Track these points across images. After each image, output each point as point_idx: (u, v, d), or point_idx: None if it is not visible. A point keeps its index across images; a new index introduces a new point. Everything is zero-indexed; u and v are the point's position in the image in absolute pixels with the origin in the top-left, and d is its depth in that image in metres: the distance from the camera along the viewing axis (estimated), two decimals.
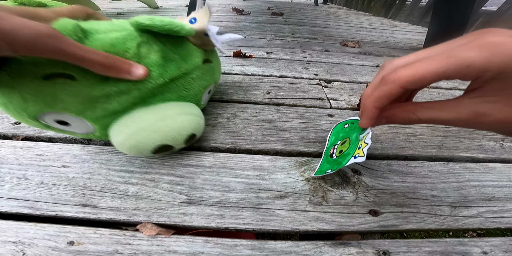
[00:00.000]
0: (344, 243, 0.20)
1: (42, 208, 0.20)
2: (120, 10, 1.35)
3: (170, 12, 1.31)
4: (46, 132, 0.29)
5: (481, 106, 0.14)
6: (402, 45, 0.83)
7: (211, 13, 0.24)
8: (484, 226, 0.22)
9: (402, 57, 0.17)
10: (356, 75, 0.53)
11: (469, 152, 0.31)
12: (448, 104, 0.15)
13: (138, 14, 0.99)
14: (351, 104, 0.40)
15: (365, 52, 0.70)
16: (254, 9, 1.44)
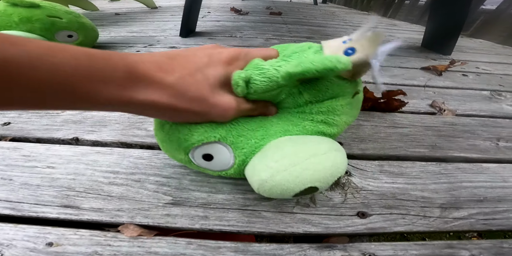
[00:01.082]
0: (330, 246, 0.20)
1: (23, 209, 0.20)
2: (119, 10, 1.36)
3: (168, 12, 1.31)
4: (35, 133, 0.29)
5: None
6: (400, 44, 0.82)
7: (382, 41, 0.16)
8: (475, 228, 0.22)
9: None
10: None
11: (463, 152, 0.31)
12: None
13: (136, 14, 0.98)
14: None
15: None
16: (253, 9, 1.43)
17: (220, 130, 0.18)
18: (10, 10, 0.47)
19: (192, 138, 0.18)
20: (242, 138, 0.18)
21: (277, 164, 0.17)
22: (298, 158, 0.17)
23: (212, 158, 0.19)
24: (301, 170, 0.16)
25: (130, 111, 0.15)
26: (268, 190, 0.17)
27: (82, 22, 0.55)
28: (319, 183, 0.17)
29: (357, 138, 0.31)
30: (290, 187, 0.17)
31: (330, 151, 0.18)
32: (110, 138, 0.29)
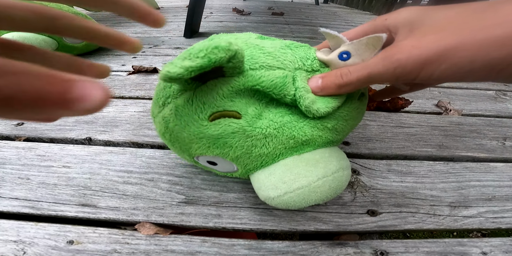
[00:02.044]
0: (342, 243, 0.20)
1: (43, 208, 0.21)
2: None
3: (170, 12, 1.31)
4: (48, 133, 0.30)
5: (391, 46, 0.14)
6: None
7: (380, 45, 0.15)
8: (484, 226, 0.22)
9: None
10: None
11: (469, 151, 0.31)
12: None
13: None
14: None
15: None
16: (255, 9, 1.44)
17: (216, 150, 0.17)
18: None
19: (192, 150, 0.18)
20: (242, 158, 0.18)
21: (285, 185, 0.17)
22: (307, 181, 0.17)
23: (216, 164, 0.19)
24: (309, 192, 0.17)
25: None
26: (274, 204, 0.18)
27: None
28: (322, 201, 0.18)
29: (364, 138, 0.32)
30: (295, 205, 0.18)
31: (337, 171, 0.18)
32: (122, 138, 0.29)
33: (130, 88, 0.42)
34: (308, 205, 0.18)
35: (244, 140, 0.16)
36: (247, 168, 0.19)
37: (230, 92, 0.15)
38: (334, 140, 0.19)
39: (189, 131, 0.16)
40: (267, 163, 0.18)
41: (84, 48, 0.57)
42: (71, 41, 0.53)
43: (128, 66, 0.52)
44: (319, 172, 0.17)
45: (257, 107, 0.17)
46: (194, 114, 0.16)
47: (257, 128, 0.16)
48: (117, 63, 0.54)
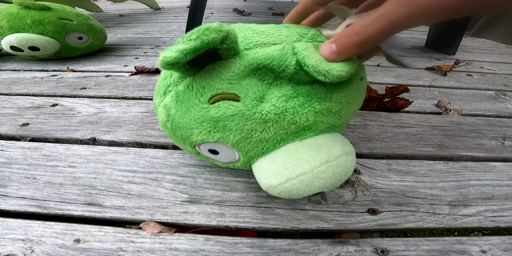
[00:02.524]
0: (343, 242, 0.20)
1: (49, 207, 0.21)
2: (122, 12, 1.37)
3: (171, 13, 1.32)
4: (53, 133, 0.30)
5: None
6: (404, 44, 0.82)
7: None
8: (483, 225, 0.23)
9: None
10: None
11: (469, 151, 0.31)
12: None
13: (140, 15, 0.99)
14: None
15: None
16: (255, 10, 1.44)
17: (216, 134, 0.17)
18: (23, 12, 0.48)
19: (192, 137, 0.18)
20: (243, 143, 0.17)
21: (287, 171, 0.16)
22: (309, 166, 0.16)
23: (217, 153, 0.19)
24: (312, 178, 0.16)
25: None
26: (277, 193, 0.17)
27: (91, 24, 0.56)
28: (327, 189, 0.17)
29: (365, 137, 0.32)
30: (299, 193, 0.17)
31: (341, 156, 0.17)
32: (126, 138, 0.30)
33: (133, 88, 0.42)
34: (312, 193, 0.17)
35: (243, 123, 0.16)
36: (248, 155, 0.18)
37: (227, 74, 0.15)
38: (337, 124, 0.19)
39: (190, 116, 0.16)
40: (268, 149, 0.18)
41: (86, 49, 0.57)
42: (73, 42, 0.54)
43: (130, 67, 0.53)
44: (322, 156, 0.16)
45: (258, 89, 0.16)
46: (195, 99, 0.16)
47: (256, 113, 0.16)
48: (119, 64, 0.55)
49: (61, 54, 0.54)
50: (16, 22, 0.47)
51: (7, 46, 0.47)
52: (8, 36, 0.47)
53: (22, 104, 0.36)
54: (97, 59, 0.58)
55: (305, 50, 0.15)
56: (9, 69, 0.50)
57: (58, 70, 0.50)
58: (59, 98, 0.38)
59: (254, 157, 0.18)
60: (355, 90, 0.18)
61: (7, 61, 0.55)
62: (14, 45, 0.47)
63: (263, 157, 0.18)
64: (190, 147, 0.19)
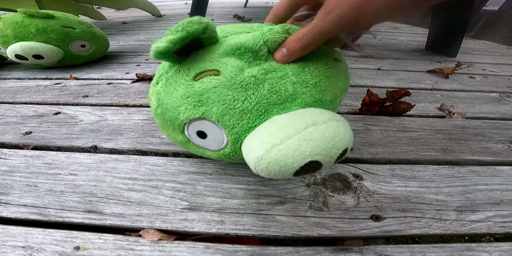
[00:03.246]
0: (346, 249, 0.20)
1: (50, 214, 0.21)
2: (125, 19, 1.40)
3: (173, 20, 1.35)
4: (55, 141, 0.30)
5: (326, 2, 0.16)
6: (404, 47, 0.82)
7: None
8: (493, 230, 0.22)
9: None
10: (357, 78, 0.53)
11: (475, 155, 0.30)
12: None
13: (142, 23, 1.01)
14: (352, 109, 0.40)
15: (366, 55, 0.70)
16: (255, 15, 1.46)
17: (201, 108, 0.17)
18: (27, 21, 0.48)
19: (180, 116, 0.18)
20: (227, 116, 0.17)
21: (272, 138, 0.15)
22: (295, 129, 0.15)
23: (206, 136, 0.19)
24: (299, 141, 0.15)
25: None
26: (266, 168, 0.16)
27: (94, 32, 0.57)
28: (321, 156, 0.15)
29: (367, 143, 0.32)
30: (288, 162, 0.15)
31: (331, 121, 0.16)
32: (126, 145, 0.30)
33: (134, 96, 0.43)
34: (304, 160, 0.15)
35: (225, 93, 0.17)
36: (234, 131, 0.18)
37: (209, 55, 0.17)
38: (323, 99, 0.19)
39: (177, 94, 0.18)
40: (253, 123, 0.17)
41: (89, 56, 0.58)
42: (76, 50, 0.55)
43: (132, 74, 0.53)
44: (308, 119, 0.16)
45: (238, 64, 0.17)
46: (181, 79, 0.18)
47: (236, 82, 0.17)
48: (121, 71, 0.56)
49: (64, 62, 0.55)
50: (20, 30, 0.48)
51: (12, 54, 0.48)
52: (13, 44, 0.48)
53: (25, 112, 0.37)
54: (99, 66, 0.59)
55: (268, 32, 0.17)
56: (14, 78, 0.51)
57: (61, 78, 0.51)
58: (62, 107, 0.39)
59: (241, 134, 0.18)
60: (328, 67, 0.19)
61: (13, 69, 0.56)
62: (19, 54, 0.48)
63: (248, 135, 0.18)
64: (180, 131, 0.20)
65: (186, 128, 0.19)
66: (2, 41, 0.48)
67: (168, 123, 0.20)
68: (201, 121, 0.18)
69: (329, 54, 0.20)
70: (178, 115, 0.18)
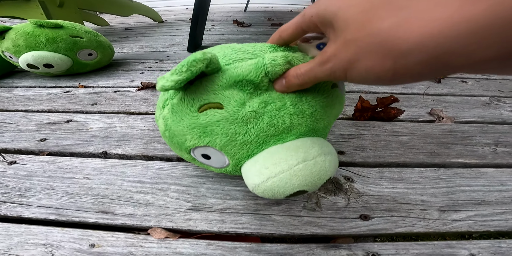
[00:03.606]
0: (336, 246, 0.22)
1: (67, 215, 0.24)
2: (128, 25, 1.44)
3: (174, 26, 1.38)
4: (68, 148, 0.33)
5: (326, 47, 0.16)
6: None
7: None
8: (473, 229, 0.23)
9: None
10: (351, 84, 0.55)
11: (461, 158, 0.32)
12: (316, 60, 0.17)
13: (145, 29, 1.03)
14: (345, 114, 0.42)
15: None
16: (255, 21, 1.49)
17: (206, 138, 0.19)
18: (38, 31, 0.50)
19: (186, 143, 0.20)
20: (229, 146, 0.19)
21: (268, 171, 0.18)
22: (287, 165, 0.18)
23: (210, 158, 0.21)
24: (290, 176, 0.18)
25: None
26: (261, 192, 0.19)
27: (100, 41, 0.59)
28: (307, 187, 0.18)
29: (358, 147, 0.34)
30: (280, 191, 0.18)
31: (319, 156, 0.19)
32: (134, 151, 0.32)
33: (140, 104, 0.45)
34: (293, 190, 0.18)
35: (228, 127, 0.18)
36: (236, 157, 0.20)
37: (212, 86, 0.18)
38: (316, 128, 0.20)
39: (184, 124, 0.19)
40: (252, 152, 0.19)
41: (96, 64, 0.61)
42: (84, 59, 0.57)
43: (136, 82, 0.56)
44: (299, 156, 0.18)
45: (240, 97, 0.18)
46: (186, 109, 0.19)
47: (238, 118, 0.18)
48: (126, 79, 0.58)
49: (72, 70, 0.58)
50: (32, 40, 0.50)
51: (24, 64, 0.51)
52: (25, 54, 0.50)
53: (39, 120, 0.39)
54: (105, 74, 0.61)
55: (269, 63, 0.17)
56: (25, 86, 0.54)
57: (70, 86, 0.54)
58: (72, 114, 0.41)
59: (241, 160, 0.20)
60: (325, 96, 0.20)
61: (23, 78, 0.59)
62: (30, 63, 0.50)
63: (248, 160, 0.20)
64: (186, 152, 0.21)
65: (192, 151, 0.21)
66: (14, 50, 0.50)
67: (175, 145, 0.21)
68: (206, 148, 0.20)
69: (327, 82, 0.20)
70: (184, 141, 0.20)
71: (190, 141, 0.20)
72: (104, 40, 0.61)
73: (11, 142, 0.34)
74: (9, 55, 0.53)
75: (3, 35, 0.51)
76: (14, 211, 0.24)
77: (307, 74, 0.17)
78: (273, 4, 2.55)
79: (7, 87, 0.54)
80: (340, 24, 0.13)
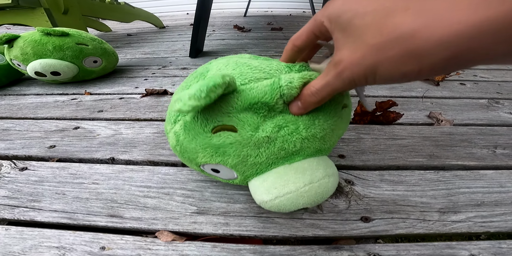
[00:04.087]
0: (338, 248, 0.22)
1: (78, 218, 0.24)
2: (130, 31, 1.46)
3: (175, 31, 1.40)
4: (77, 154, 0.34)
5: (336, 56, 0.16)
6: None
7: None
8: (473, 230, 0.24)
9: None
10: None
11: (460, 160, 0.33)
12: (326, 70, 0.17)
13: (147, 35, 1.04)
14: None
15: None
16: (255, 25, 1.51)
17: (218, 158, 0.20)
18: (45, 39, 0.51)
19: (197, 159, 0.20)
20: (240, 166, 0.20)
21: (276, 190, 0.19)
22: (295, 187, 0.19)
23: (219, 171, 0.22)
24: (296, 197, 0.19)
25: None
26: (268, 207, 0.21)
27: (105, 48, 0.60)
28: (310, 205, 0.20)
29: (359, 150, 0.34)
30: (286, 208, 0.20)
31: (324, 178, 0.20)
32: (140, 157, 0.33)
33: (144, 110, 0.46)
34: (297, 208, 0.20)
35: (240, 150, 0.19)
36: (245, 174, 0.21)
37: (227, 108, 0.18)
38: (322, 149, 0.21)
39: (196, 142, 0.19)
40: (261, 171, 0.21)
41: (101, 71, 0.62)
42: (89, 66, 0.58)
43: (141, 88, 0.57)
44: (306, 178, 0.19)
45: (254, 121, 0.18)
46: (200, 128, 0.19)
47: (251, 142, 0.18)
48: (130, 85, 0.59)
49: (78, 77, 0.59)
50: (39, 48, 0.51)
51: (32, 72, 0.52)
52: (33, 62, 0.51)
53: (48, 127, 0.41)
54: (110, 81, 0.63)
55: (286, 86, 0.17)
56: (33, 94, 0.55)
57: (77, 93, 0.55)
58: (80, 121, 0.43)
59: (249, 176, 0.21)
60: (337, 118, 0.20)
61: (31, 85, 0.60)
62: (38, 71, 0.52)
63: (257, 177, 0.21)
64: (196, 166, 0.22)
65: (202, 165, 0.22)
66: (22, 58, 0.51)
67: (186, 159, 0.22)
68: (217, 165, 0.21)
69: (339, 102, 0.20)
70: (196, 158, 0.20)
71: (201, 158, 0.20)
72: (108, 47, 0.62)
73: (21, 149, 0.35)
74: (17, 63, 0.54)
75: (12, 43, 0.53)
76: (27, 215, 0.25)
77: (324, 90, 0.17)
78: (272, 8, 2.58)
79: (15, 95, 0.55)
80: (356, 31, 0.14)
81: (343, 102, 0.21)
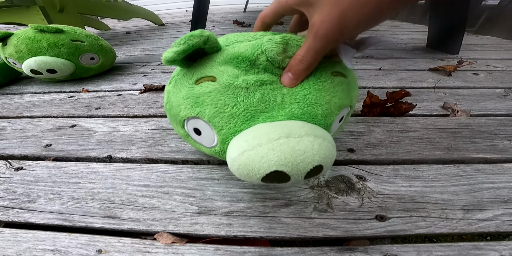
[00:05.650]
0: (351, 249, 0.21)
1: (74, 220, 0.23)
2: (129, 29, 1.45)
3: (174, 28, 1.39)
4: (74, 153, 0.32)
5: (310, 23, 0.18)
6: (405, 46, 0.82)
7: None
8: (502, 229, 0.22)
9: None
10: (358, 80, 0.53)
11: (481, 153, 0.30)
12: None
13: (145, 32, 1.04)
14: (354, 111, 0.41)
15: (366, 56, 0.71)
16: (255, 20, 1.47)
17: (196, 108, 0.20)
18: (39, 36, 0.50)
19: (180, 113, 0.21)
20: (217, 118, 0.19)
21: (246, 143, 0.17)
22: (267, 138, 0.16)
23: (201, 133, 0.21)
24: (267, 150, 0.16)
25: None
26: (237, 169, 0.17)
27: (101, 45, 0.59)
28: (286, 168, 0.16)
29: (369, 144, 0.32)
30: (255, 167, 0.16)
31: (307, 136, 0.16)
32: (138, 154, 0.32)
33: (143, 106, 0.45)
34: (269, 168, 0.16)
35: (218, 98, 0.19)
36: (222, 132, 0.19)
37: (210, 62, 0.20)
38: (312, 113, 0.19)
39: (180, 95, 0.21)
40: (239, 128, 0.19)
41: (98, 68, 0.61)
42: (86, 63, 0.57)
43: (139, 85, 0.56)
44: (284, 131, 0.16)
45: (234, 72, 0.19)
46: (186, 82, 0.21)
47: (229, 90, 0.19)
48: (129, 82, 0.58)
49: (76, 75, 0.58)
50: (33, 45, 0.49)
51: (27, 69, 0.51)
52: (28, 60, 0.50)
53: (44, 126, 0.39)
54: (108, 78, 0.62)
55: (267, 42, 0.18)
56: (30, 92, 0.55)
57: (74, 91, 0.54)
58: (77, 119, 0.41)
59: (227, 136, 0.19)
60: (321, 80, 0.20)
61: (28, 84, 0.59)
62: (33, 69, 0.50)
63: (234, 138, 0.19)
64: (181, 126, 0.23)
65: (186, 123, 0.22)
66: (17, 56, 0.50)
67: (173, 118, 0.23)
68: (197, 120, 0.21)
69: (326, 68, 0.20)
70: (179, 112, 0.21)
71: (183, 111, 0.21)
72: (105, 44, 0.61)
73: (17, 148, 0.34)
74: (12, 62, 0.53)
75: (5, 41, 0.51)
76: (21, 216, 0.24)
77: (309, 54, 0.18)
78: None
79: (12, 94, 0.54)
80: (321, 0, 0.17)
81: (332, 69, 0.20)
